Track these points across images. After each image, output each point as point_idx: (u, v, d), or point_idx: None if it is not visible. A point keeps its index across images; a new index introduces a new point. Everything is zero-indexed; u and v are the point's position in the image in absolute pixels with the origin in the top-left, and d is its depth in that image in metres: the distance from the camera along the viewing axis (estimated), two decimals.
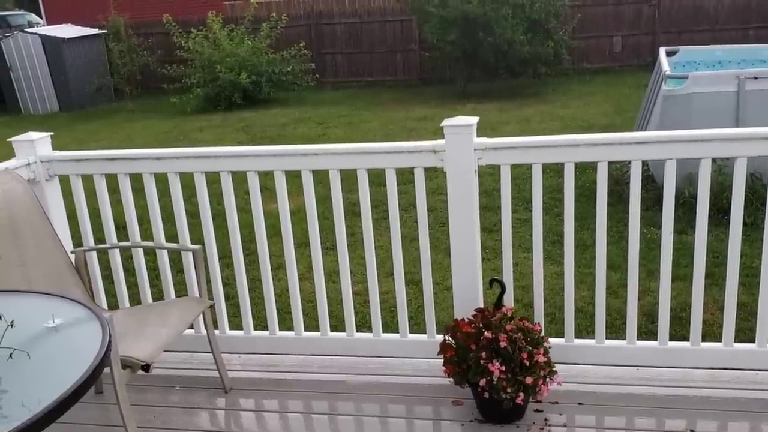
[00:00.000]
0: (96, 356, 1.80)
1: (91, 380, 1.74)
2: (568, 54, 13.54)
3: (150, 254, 3.94)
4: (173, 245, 3.23)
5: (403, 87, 15.34)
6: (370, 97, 14.14)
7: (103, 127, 13.10)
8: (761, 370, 2.97)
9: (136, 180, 3.29)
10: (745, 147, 2.71)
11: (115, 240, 3.40)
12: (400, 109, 12.65)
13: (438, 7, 12.72)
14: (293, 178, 3.23)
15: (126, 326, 2.91)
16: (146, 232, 3.45)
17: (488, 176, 6.61)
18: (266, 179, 3.32)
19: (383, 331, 3.33)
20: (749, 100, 6.04)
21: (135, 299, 3.61)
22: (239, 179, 3.22)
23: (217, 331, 3.36)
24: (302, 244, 3.67)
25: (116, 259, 3.42)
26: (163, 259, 3.36)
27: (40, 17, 23.40)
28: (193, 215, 3.32)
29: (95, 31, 15.96)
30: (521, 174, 5.83)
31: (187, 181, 3.26)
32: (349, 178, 3.19)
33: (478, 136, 2.91)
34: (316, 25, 15.94)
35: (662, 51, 7.78)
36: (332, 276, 4.34)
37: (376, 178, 3.18)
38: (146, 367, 2.57)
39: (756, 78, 6.09)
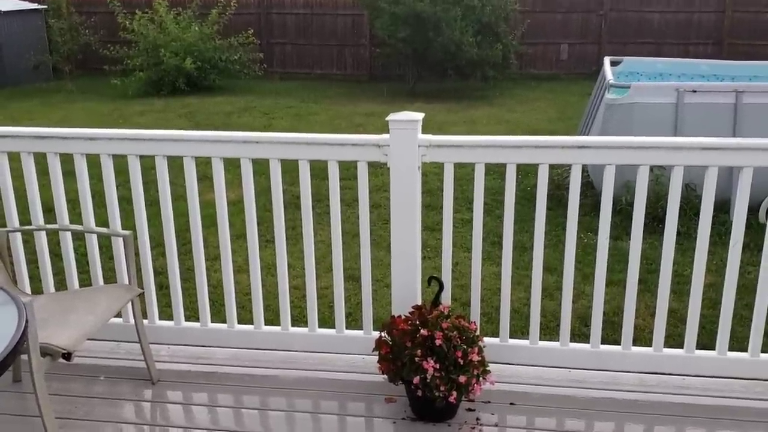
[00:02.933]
0: (10, 342, 1.71)
1: (3, 366, 1.64)
2: (516, 59, 13.70)
3: (80, 239, 3.80)
4: (102, 230, 3.11)
5: (352, 82, 15.26)
6: (319, 90, 14.03)
7: (39, 106, 12.62)
8: (688, 376, 3.04)
9: (69, 162, 3.15)
10: (682, 156, 2.76)
11: (42, 222, 3.25)
12: (348, 103, 12.59)
13: (390, 3, 12.70)
14: (235, 167, 3.14)
15: (49, 312, 2.78)
16: (79, 217, 3.31)
17: (433, 175, 6.63)
18: (208, 168, 3.22)
19: (323, 327, 3.28)
20: (687, 112, 6.21)
21: (63, 285, 3.46)
22: (180, 166, 3.11)
23: (146, 321, 3.25)
24: (242, 235, 3.58)
25: (42, 242, 3.27)
26: (92, 244, 3.23)
27: None
28: (130, 201, 3.20)
29: (34, 5, 15.35)
30: (465, 175, 5.85)
31: (124, 165, 3.14)
32: (293, 170, 3.12)
33: (425, 135, 2.89)
34: (267, 14, 15.71)
35: (607, 60, 7.94)
36: (272, 269, 4.27)
37: (321, 171, 3.13)
38: (67, 356, 2.45)
39: (695, 91, 6.28)
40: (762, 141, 2.73)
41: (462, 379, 2.62)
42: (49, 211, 3.29)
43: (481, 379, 2.70)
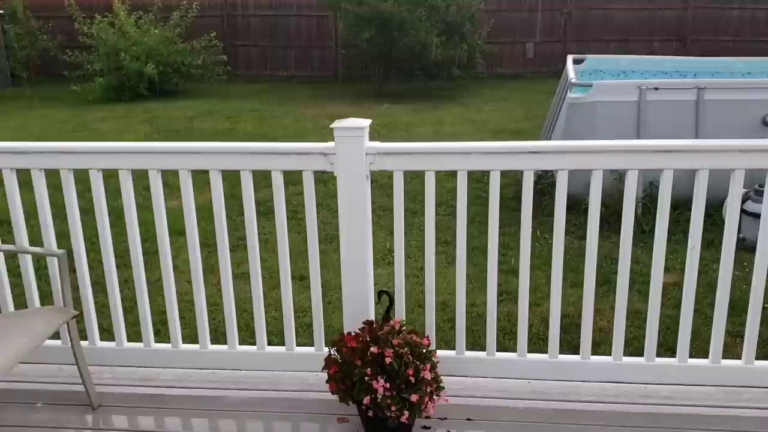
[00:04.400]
0: None
1: None
2: (482, 58, 13.65)
3: (15, 258, 3.62)
4: (36, 249, 2.94)
5: (319, 83, 15.11)
6: (284, 93, 13.86)
7: None
8: (649, 384, 2.95)
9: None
10: (636, 159, 2.68)
11: None
12: (314, 105, 12.44)
13: (354, 4, 12.57)
14: (196, 174, 2.98)
15: None
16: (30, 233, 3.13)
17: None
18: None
19: (278, 341, 3.14)
20: (650, 110, 6.17)
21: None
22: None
23: (86, 343, 3.09)
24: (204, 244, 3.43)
25: None
26: (27, 264, 3.06)
27: None
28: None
29: None
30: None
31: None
32: (254, 176, 2.96)
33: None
34: (230, 16, 15.50)
35: (570, 59, 7.88)
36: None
37: (284, 175, 2.98)
38: None
39: (656, 89, 6.24)
40: (717, 143, 2.66)
41: (414, 397, 2.50)
42: None
43: (434, 396, 2.58)
